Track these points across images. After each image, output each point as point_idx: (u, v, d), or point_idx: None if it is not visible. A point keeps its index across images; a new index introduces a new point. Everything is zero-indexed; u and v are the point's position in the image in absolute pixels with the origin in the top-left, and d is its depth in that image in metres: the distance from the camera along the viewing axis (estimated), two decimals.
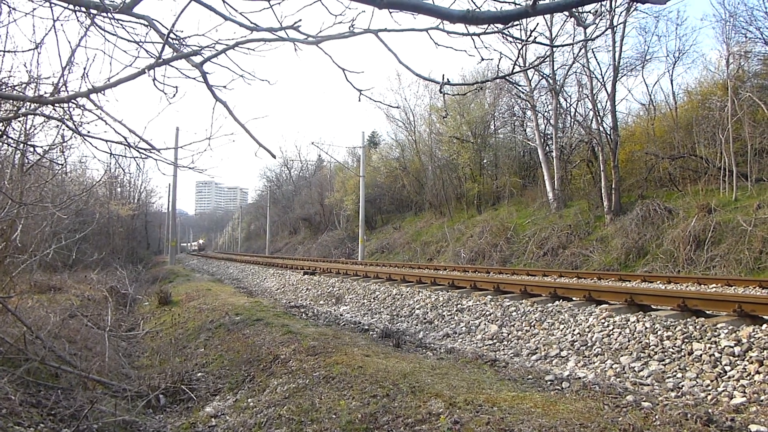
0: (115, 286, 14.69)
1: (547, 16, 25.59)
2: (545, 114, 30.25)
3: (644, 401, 4.38)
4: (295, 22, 2.67)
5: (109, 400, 5.38)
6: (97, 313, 10.76)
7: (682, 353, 5.62)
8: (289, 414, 4.61)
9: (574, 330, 7.06)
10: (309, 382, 5.22)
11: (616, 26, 22.60)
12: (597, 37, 19.93)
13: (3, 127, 4.87)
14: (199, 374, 6.63)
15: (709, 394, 4.79)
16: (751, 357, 5.11)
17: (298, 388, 5.14)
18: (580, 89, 27.14)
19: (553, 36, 25.80)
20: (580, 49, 24.10)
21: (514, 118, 36.50)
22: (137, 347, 9.06)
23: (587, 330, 6.91)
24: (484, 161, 36.51)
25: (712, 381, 5.00)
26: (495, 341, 7.67)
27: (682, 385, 5.06)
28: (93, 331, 8.24)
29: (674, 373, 5.33)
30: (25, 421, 4.13)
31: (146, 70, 2.66)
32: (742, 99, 20.08)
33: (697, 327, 5.96)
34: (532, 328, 7.66)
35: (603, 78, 24.47)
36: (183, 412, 5.60)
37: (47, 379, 5.34)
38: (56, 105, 3.88)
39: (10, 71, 4.96)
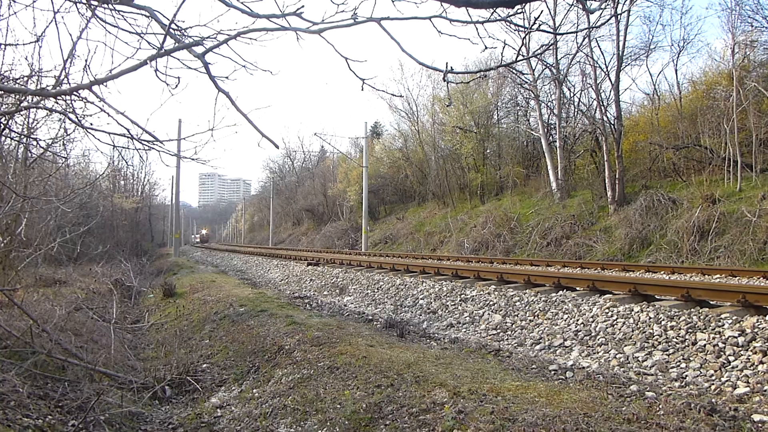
0: (120, 278, 14.76)
1: (551, 3, 25.45)
2: (548, 104, 30.12)
3: (648, 391, 4.39)
4: (298, 9, 2.66)
5: (116, 391, 5.41)
6: (102, 305, 10.82)
7: (686, 343, 5.61)
8: (294, 404, 4.63)
9: (577, 320, 7.06)
10: (314, 372, 5.24)
11: (621, 14, 22.42)
12: (601, 25, 19.76)
13: (6, 121, 4.87)
14: (205, 365, 6.66)
15: (713, 384, 4.79)
16: (755, 347, 5.10)
17: (302, 379, 5.16)
18: (584, 79, 26.99)
19: (557, 24, 25.63)
20: (584, 37, 23.94)
21: (518, 107, 36.40)
22: (142, 339, 9.10)
23: (591, 320, 6.91)
24: (487, 151, 36.41)
25: (715, 371, 4.99)
26: (499, 331, 7.68)
27: (686, 375, 5.07)
28: (98, 324, 8.28)
29: (678, 363, 5.33)
30: (33, 413, 4.16)
31: (148, 62, 2.64)
32: (747, 89, 19.94)
33: (701, 317, 5.96)
34: (536, 318, 7.66)
35: (607, 67, 24.35)
36: (189, 403, 5.63)
37: (54, 372, 5.37)
38: (58, 98, 3.88)
39: (11, 64, 4.96)
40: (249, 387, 5.60)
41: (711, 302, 6.84)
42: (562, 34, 15.40)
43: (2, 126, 5.12)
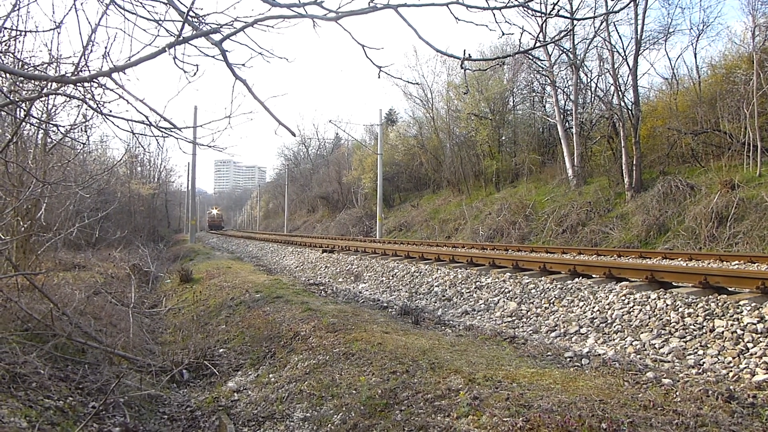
0: (138, 263, 14.95)
1: None
2: (565, 89, 29.80)
3: (665, 378, 4.37)
4: None
5: (135, 374, 5.51)
6: (120, 290, 10.97)
7: (704, 330, 5.57)
8: (310, 389, 4.68)
9: (593, 307, 7.04)
10: (329, 358, 5.28)
11: None
12: (620, 9, 19.46)
13: (26, 107, 4.93)
14: (221, 350, 6.74)
15: (731, 371, 4.75)
16: None
17: (318, 365, 5.21)
18: (601, 64, 26.65)
19: (575, 9, 25.28)
20: (602, 22, 23.61)
21: (534, 94, 36.01)
22: (160, 324, 9.23)
23: (607, 307, 6.88)
24: (503, 138, 36.17)
25: (733, 358, 4.96)
26: (514, 318, 7.68)
27: (703, 362, 5.03)
28: (117, 308, 8.41)
29: (695, 350, 5.30)
30: (54, 394, 4.25)
31: (166, 49, 2.65)
32: (767, 72, 19.58)
33: (719, 304, 5.91)
34: (552, 305, 7.65)
35: (625, 52, 24.01)
36: (206, 387, 5.71)
37: (74, 355, 5.47)
38: (78, 84, 3.91)
39: (32, 51, 5.00)
40: (265, 372, 5.66)
41: (729, 289, 6.77)
42: (580, 19, 15.19)
43: (23, 112, 5.18)
